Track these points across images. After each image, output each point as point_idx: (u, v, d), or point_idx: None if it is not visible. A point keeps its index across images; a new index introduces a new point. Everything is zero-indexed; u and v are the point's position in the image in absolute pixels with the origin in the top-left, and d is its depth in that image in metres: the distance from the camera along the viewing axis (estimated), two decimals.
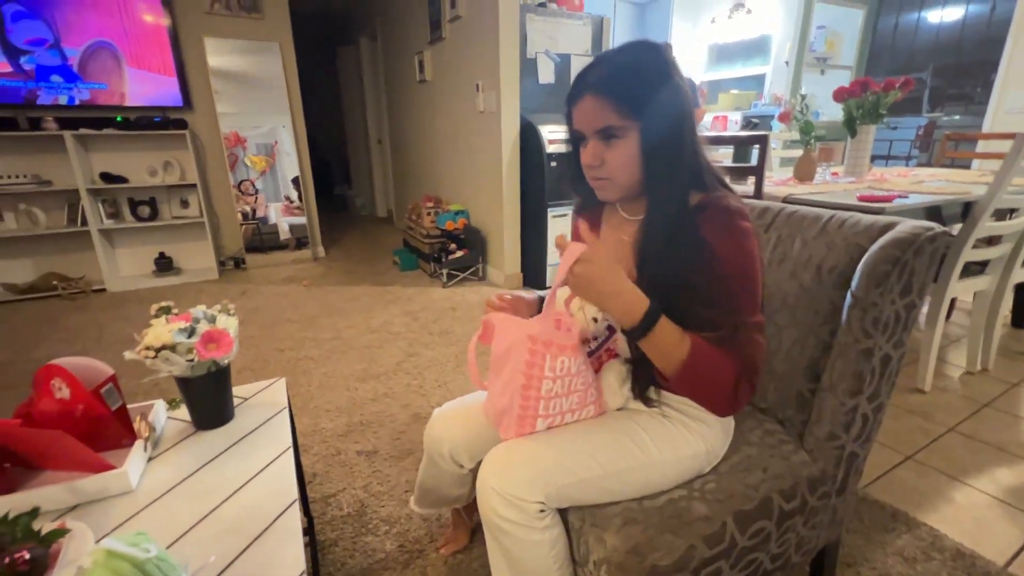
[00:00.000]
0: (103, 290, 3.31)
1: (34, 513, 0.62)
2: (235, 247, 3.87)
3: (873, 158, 2.33)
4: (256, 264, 3.87)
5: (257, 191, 3.81)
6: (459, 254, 3.32)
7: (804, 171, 2.13)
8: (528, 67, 2.99)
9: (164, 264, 3.55)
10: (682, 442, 0.80)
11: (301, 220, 4.01)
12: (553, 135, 2.95)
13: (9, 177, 3.03)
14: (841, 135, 2.43)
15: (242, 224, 3.79)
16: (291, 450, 0.83)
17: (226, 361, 0.85)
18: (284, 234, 3.98)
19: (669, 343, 0.68)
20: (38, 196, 3.13)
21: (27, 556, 0.56)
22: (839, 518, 0.93)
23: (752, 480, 0.81)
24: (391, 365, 2.19)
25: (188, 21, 3.35)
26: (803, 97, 2.12)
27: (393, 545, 1.21)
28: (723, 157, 3.42)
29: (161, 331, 0.80)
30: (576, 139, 0.77)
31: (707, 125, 5.10)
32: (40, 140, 3.04)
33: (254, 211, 3.83)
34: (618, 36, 5.02)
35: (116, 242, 3.49)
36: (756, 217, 1.09)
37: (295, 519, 0.68)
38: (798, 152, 2.31)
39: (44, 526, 0.62)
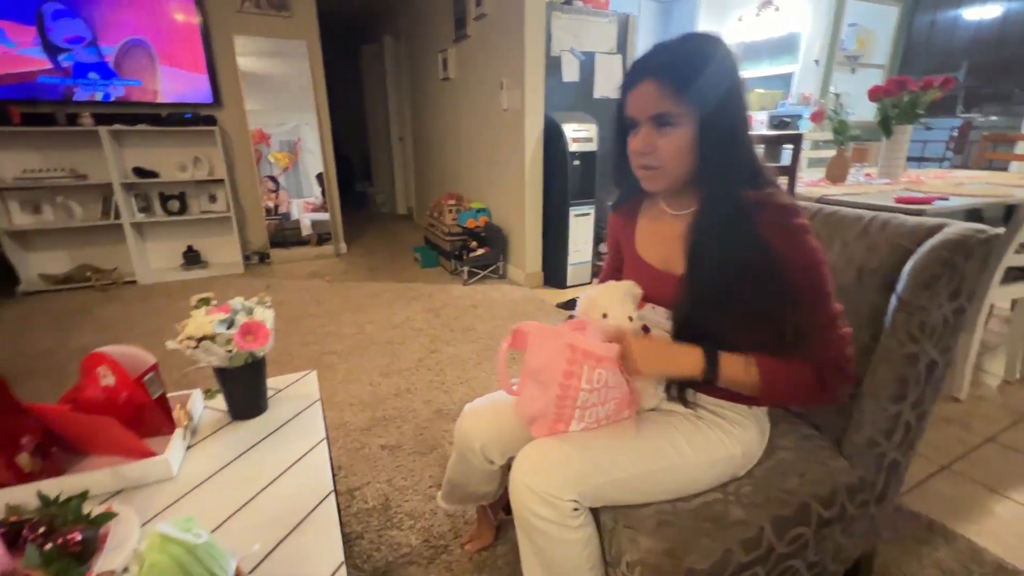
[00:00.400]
0: (134, 282, 3.40)
1: (84, 496, 0.64)
2: (260, 242, 3.94)
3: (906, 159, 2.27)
4: (279, 259, 3.93)
5: (279, 187, 3.87)
6: (480, 252, 3.32)
7: (837, 172, 2.08)
8: (552, 65, 2.98)
9: (192, 257, 3.63)
10: (717, 444, 0.79)
11: (324, 216, 4.06)
12: (577, 134, 2.93)
13: (48, 171, 3.13)
14: (874, 135, 2.37)
15: (266, 219, 3.86)
16: (325, 442, 0.84)
17: (263, 353, 0.87)
18: (306, 230, 4.04)
19: (739, 372, 0.72)
20: (74, 190, 3.23)
21: (79, 538, 0.57)
22: (877, 527, 0.91)
23: (789, 485, 0.80)
24: (413, 361, 2.20)
25: (219, 19, 3.42)
26: (837, 96, 2.06)
27: (418, 540, 1.22)
28: None
29: (202, 322, 0.82)
30: (626, 126, 0.76)
31: None
32: (77, 135, 3.14)
33: (277, 207, 3.89)
34: (643, 34, 4.97)
35: (147, 235, 3.58)
36: None
37: (332, 511, 0.69)
38: (828, 152, 2.26)
39: (92, 509, 0.64)
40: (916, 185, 1.99)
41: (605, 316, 0.77)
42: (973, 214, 1.70)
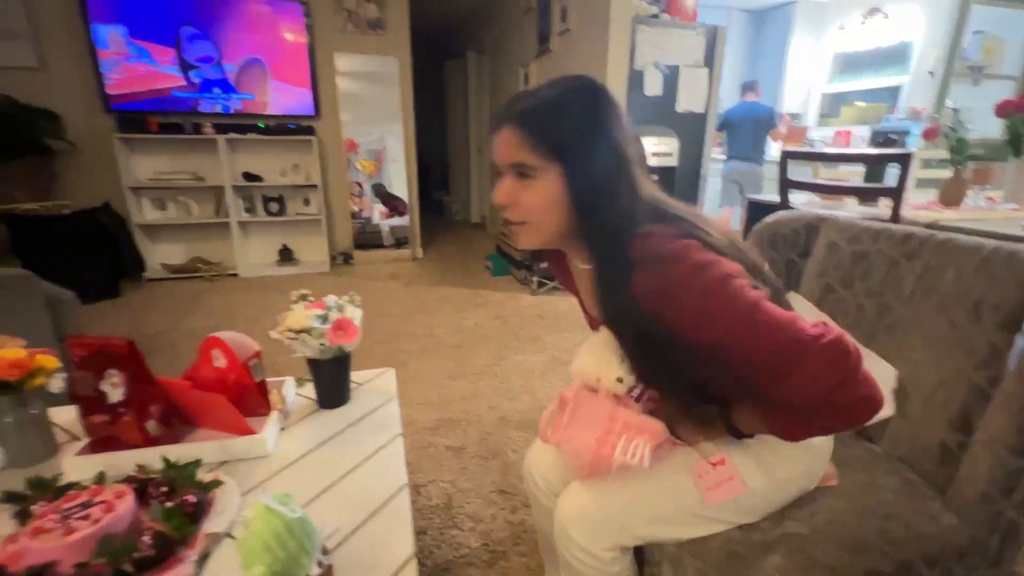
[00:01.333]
0: (235, 275, 3.76)
1: (197, 464, 0.73)
2: (345, 243, 4.21)
3: None
4: (361, 260, 4.18)
5: (364, 192, 4.13)
6: None
7: (952, 194, 1.88)
8: (634, 78, 2.96)
9: (286, 255, 3.96)
10: (773, 466, 0.74)
11: (403, 222, 4.28)
12: (656, 148, 2.89)
13: (174, 173, 3.56)
14: (999, 155, 2.11)
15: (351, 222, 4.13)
16: (401, 437, 0.88)
17: (350, 348, 0.93)
18: (387, 235, 4.27)
19: (751, 419, 0.68)
20: (193, 190, 3.64)
21: (193, 500, 0.65)
22: None
23: (893, 535, 0.72)
24: (480, 367, 2.25)
25: (323, 39, 3.73)
26: (955, 111, 1.87)
27: (478, 543, 1.24)
28: (849, 175, 3.12)
29: (300, 316, 0.89)
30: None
31: (826, 141, 4.71)
32: (199, 142, 3.55)
33: (361, 211, 4.16)
34: (732, 46, 4.79)
35: (249, 233, 3.95)
36: (897, 244, 0.98)
37: (406, 503, 0.73)
38: (942, 173, 2.05)
39: (203, 476, 0.72)
40: None
41: (599, 380, 0.74)
42: None
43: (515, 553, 1.20)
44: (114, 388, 0.73)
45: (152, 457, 0.74)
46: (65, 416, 0.92)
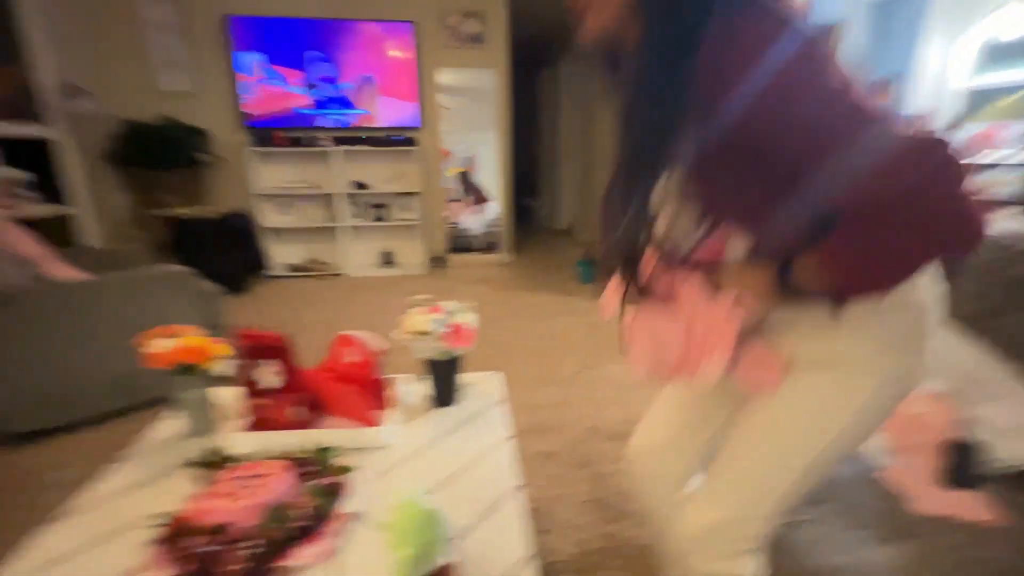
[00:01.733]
0: (341, 275, 4.09)
1: (334, 450, 0.81)
2: (439, 247, 4.42)
3: None
4: (454, 264, 4.36)
5: (456, 199, 4.33)
6: None
7: None
8: None
9: (386, 258, 4.24)
10: (859, 386, 0.63)
11: (495, 227, 4.41)
12: None
13: (295, 183, 3.96)
14: None
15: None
16: (512, 440, 0.92)
17: (463, 351, 0.99)
18: (478, 239, 4.43)
19: (813, 265, 0.55)
20: (309, 197, 4.02)
21: (334, 481, 0.73)
22: None
23: None
24: (569, 374, 2.26)
25: (427, 54, 3.96)
26: None
27: (572, 551, 1.25)
28: (999, 183, 2.72)
29: (420, 320, 0.96)
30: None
31: (963, 143, 4.14)
32: (315, 155, 3.92)
33: (452, 215, 4.36)
34: (851, 40, 4.37)
35: (355, 237, 4.28)
36: None
37: (521, 504, 0.76)
38: None
39: (337, 460, 0.80)
40: None
41: None
42: None
43: (609, 567, 1.20)
44: (274, 376, 0.84)
45: (296, 439, 0.84)
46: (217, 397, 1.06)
